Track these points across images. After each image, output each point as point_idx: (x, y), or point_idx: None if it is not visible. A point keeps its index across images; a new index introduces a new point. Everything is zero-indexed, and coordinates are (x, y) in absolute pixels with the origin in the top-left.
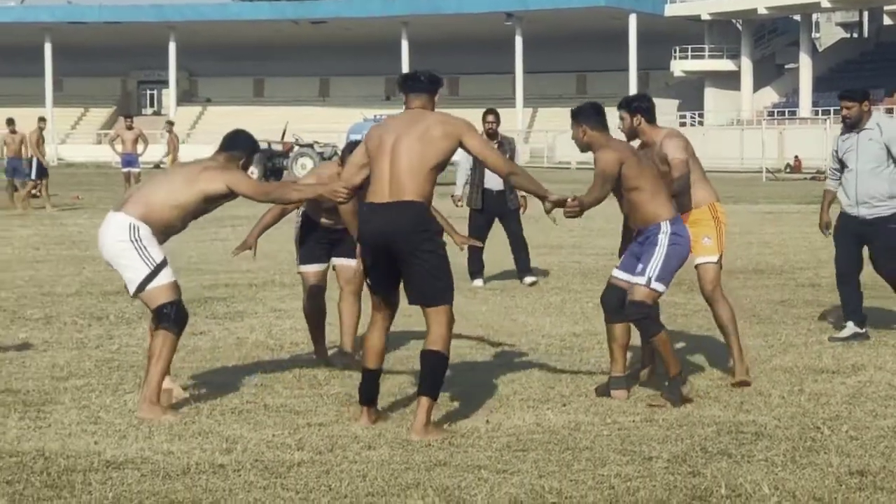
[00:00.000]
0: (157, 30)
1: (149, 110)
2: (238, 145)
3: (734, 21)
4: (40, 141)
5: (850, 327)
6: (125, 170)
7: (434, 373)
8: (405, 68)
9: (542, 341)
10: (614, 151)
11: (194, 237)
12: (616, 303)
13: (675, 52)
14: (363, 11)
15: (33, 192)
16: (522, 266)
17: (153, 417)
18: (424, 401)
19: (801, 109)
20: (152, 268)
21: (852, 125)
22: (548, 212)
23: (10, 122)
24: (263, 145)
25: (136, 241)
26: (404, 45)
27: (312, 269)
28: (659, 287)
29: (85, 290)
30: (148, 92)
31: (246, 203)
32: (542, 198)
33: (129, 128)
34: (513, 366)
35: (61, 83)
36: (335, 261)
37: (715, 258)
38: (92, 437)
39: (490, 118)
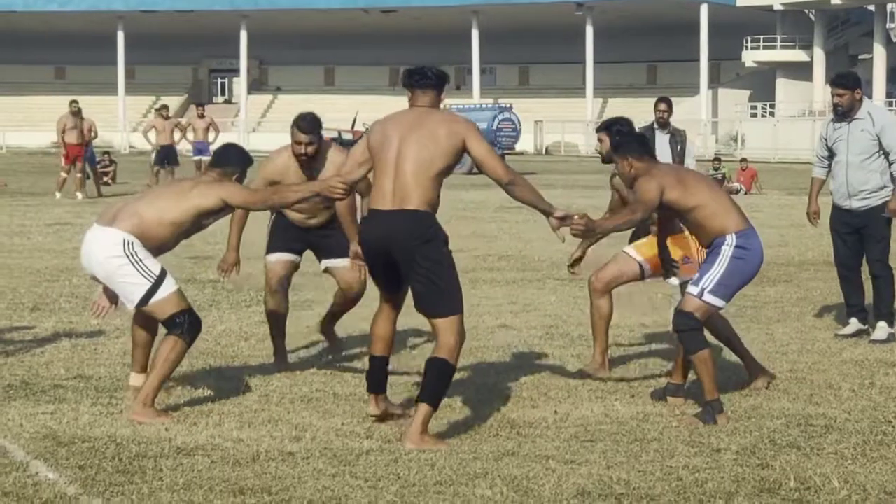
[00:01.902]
0: (229, 18)
1: (220, 98)
2: (230, 160)
3: (807, 11)
4: (174, 129)
5: (854, 324)
6: (196, 158)
7: (437, 381)
8: (475, 58)
9: (611, 332)
10: (655, 178)
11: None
12: None
13: (746, 42)
14: (434, 0)
15: (105, 179)
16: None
17: (147, 420)
18: (423, 408)
19: (875, 100)
20: (152, 281)
21: (844, 114)
22: (554, 229)
23: (164, 108)
24: (333, 134)
25: (132, 255)
26: (475, 34)
27: (278, 258)
28: (713, 301)
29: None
30: (219, 80)
31: None
32: (546, 213)
33: (201, 116)
34: (581, 356)
35: (133, 71)
36: (326, 263)
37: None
38: (162, 423)
39: (662, 107)
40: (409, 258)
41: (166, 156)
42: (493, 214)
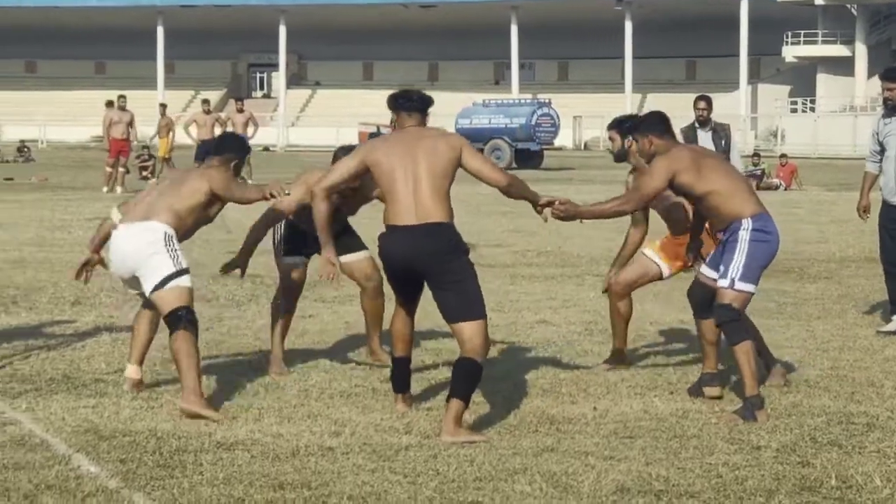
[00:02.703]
0: (268, 13)
1: (258, 93)
2: (228, 147)
3: (849, 6)
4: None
5: None
6: None
7: (468, 378)
8: (514, 53)
9: (650, 328)
10: (665, 163)
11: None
12: (701, 299)
13: (787, 37)
14: None
15: (145, 174)
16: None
17: (200, 410)
18: (455, 403)
19: None
20: (178, 269)
21: (894, 108)
22: (538, 212)
23: (205, 103)
24: (372, 129)
25: (170, 246)
26: (513, 29)
27: (295, 261)
28: (745, 287)
29: (194, 273)
30: (258, 75)
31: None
32: (534, 201)
33: (240, 111)
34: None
35: (173, 66)
36: (343, 259)
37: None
38: (213, 416)
39: (701, 104)
40: (437, 271)
41: (207, 150)
42: (531, 210)
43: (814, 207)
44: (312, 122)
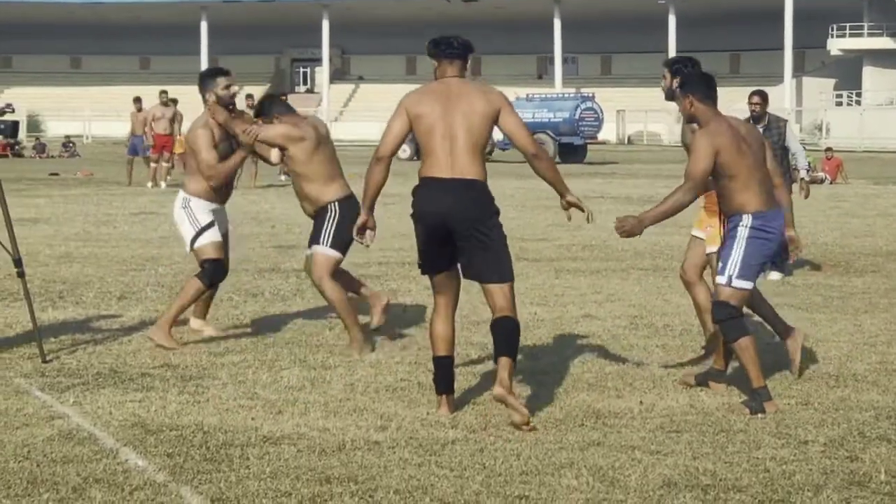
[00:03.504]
0: (311, 8)
1: (302, 88)
2: None
3: None
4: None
5: None
6: None
7: (511, 335)
8: (557, 47)
9: (696, 322)
10: (710, 138)
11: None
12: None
13: (832, 30)
14: None
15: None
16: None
17: (160, 340)
18: (506, 361)
19: None
20: (197, 230)
21: None
22: (564, 209)
23: (249, 98)
24: None
25: (188, 210)
26: (556, 23)
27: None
28: (741, 285)
29: (240, 267)
30: (301, 70)
31: (397, 181)
32: (561, 194)
33: None
34: (666, 347)
35: (216, 61)
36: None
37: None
38: (249, 412)
39: (755, 99)
40: (471, 227)
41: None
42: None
43: (860, 201)
44: (356, 116)
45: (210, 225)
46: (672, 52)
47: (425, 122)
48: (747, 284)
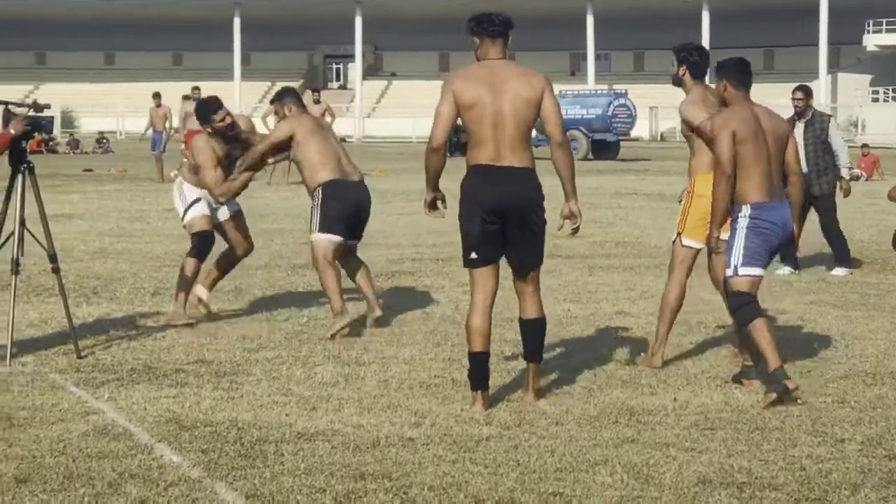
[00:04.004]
0: (344, 4)
1: (335, 84)
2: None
3: None
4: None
5: None
6: None
7: (542, 338)
8: (590, 44)
9: (729, 319)
10: (726, 126)
11: (383, 211)
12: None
13: (868, 25)
14: None
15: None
16: (838, 256)
17: (177, 321)
18: (535, 367)
19: None
20: (186, 204)
21: None
22: (562, 216)
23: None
24: None
25: (180, 190)
26: (589, 20)
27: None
28: (749, 271)
29: (273, 263)
30: (334, 66)
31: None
32: (566, 195)
33: (317, 102)
34: (701, 343)
35: (249, 58)
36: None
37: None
38: (283, 408)
39: (798, 95)
40: (526, 214)
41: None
42: (609, 201)
43: None
44: (388, 112)
45: (197, 200)
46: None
47: (475, 111)
48: (754, 270)
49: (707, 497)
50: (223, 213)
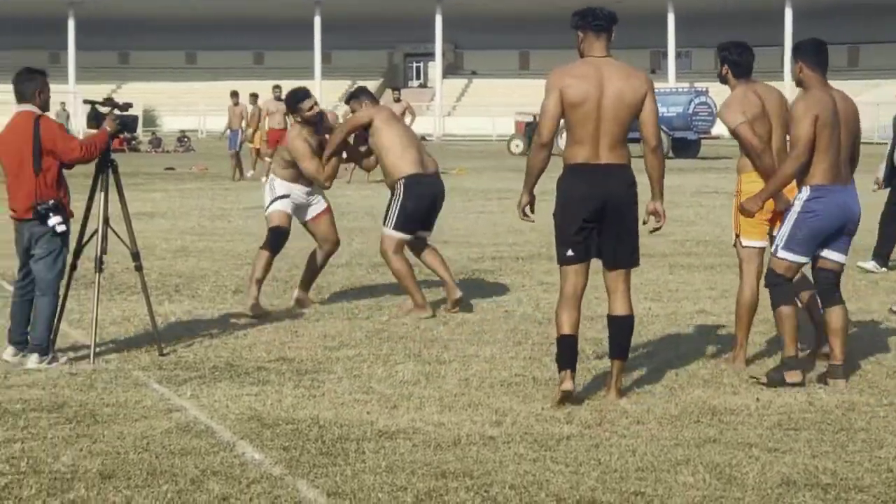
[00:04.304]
0: (424, 2)
1: (415, 83)
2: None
3: None
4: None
5: None
6: None
7: (629, 336)
8: (671, 42)
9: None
10: (806, 107)
11: (463, 209)
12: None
13: None
14: None
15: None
16: (880, 247)
17: (248, 312)
18: (620, 364)
19: None
20: (271, 199)
21: None
22: (647, 211)
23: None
24: (529, 118)
25: (271, 185)
26: (670, 18)
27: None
28: (787, 256)
29: (354, 262)
30: (414, 64)
31: (507, 177)
32: (654, 195)
33: (397, 100)
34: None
35: (330, 56)
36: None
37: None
38: (364, 406)
39: None
40: (623, 213)
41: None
42: (689, 199)
43: None
44: (468, 111)
45: (283, 197)
46: (788, 46)
47: (580, 111)
48: (792, 256)
49: (791, 498)
50: (313, 211)
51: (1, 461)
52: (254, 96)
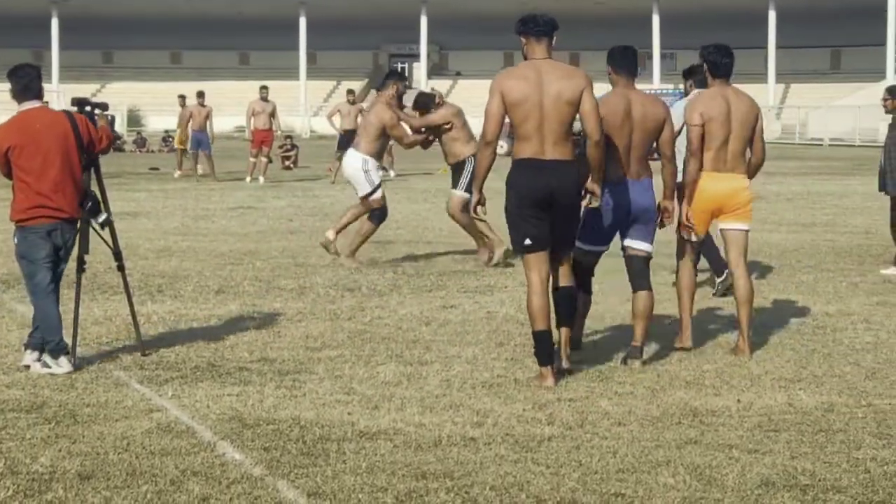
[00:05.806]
0: (409, 3)
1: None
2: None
3: None
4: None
5: None
6: None
7: (574, 304)
8: (656, 43)
9: (794, 320)
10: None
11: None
12: None
13: None
14: None
15: (287, 163)
16: None
17: (350, 264)
18: (568, 332)
19: None
20: (372, 188)
21: None
22: (586, 189)
23: (350, 93)
24: None
25: (366, 170)
26: (655, 19)
27: None
28: (580, 245)
29: (337, 262)
30: (399, 65)
31: (492, 177)
32: (592, 180)
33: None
34: (764, 345)
35: (315, 56)
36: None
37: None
38: (345, 407)
39: (885, 96)
40: (569, 204)
41: (350, 140)
42: None
43: None
44: None
45: (380, 185)
46: (772, 48)
47: (521, 110)
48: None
49: (770, 499)
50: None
51: None
52: (182, 97)
